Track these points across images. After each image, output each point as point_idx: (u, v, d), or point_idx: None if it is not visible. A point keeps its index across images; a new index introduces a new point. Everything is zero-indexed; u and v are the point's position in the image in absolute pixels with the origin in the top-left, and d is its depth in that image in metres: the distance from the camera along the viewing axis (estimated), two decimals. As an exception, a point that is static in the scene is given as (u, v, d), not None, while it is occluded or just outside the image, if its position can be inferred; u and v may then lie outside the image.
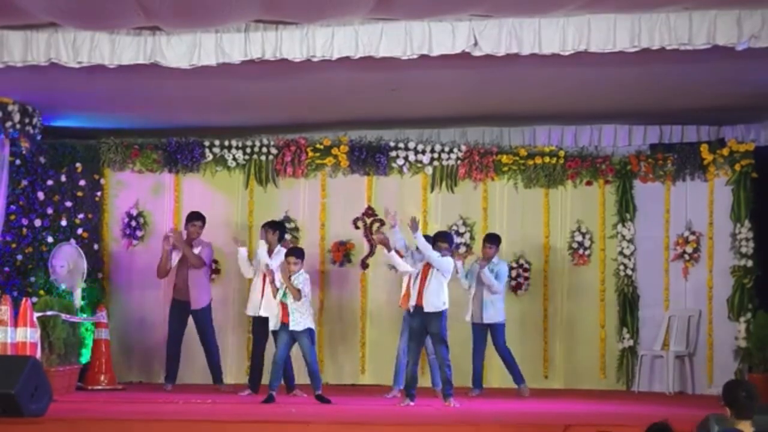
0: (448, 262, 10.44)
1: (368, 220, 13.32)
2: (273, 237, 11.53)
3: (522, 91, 11.67)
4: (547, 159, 13.24)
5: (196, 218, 12.12)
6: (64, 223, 12.66)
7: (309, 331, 10.81)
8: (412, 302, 10.47)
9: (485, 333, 11.98)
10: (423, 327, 10.47)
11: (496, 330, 11.97)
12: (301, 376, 11.54)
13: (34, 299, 11.40)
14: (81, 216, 12.85)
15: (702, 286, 12.82)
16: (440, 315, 10.38)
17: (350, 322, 13.21)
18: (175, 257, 12.04)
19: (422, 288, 10.42)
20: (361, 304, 13.25)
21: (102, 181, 13.21)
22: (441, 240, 10.59)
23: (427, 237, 10.85)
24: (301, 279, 10.71)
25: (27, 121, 12.28)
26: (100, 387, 11.94)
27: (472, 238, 13.22)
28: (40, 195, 12.61)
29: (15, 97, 11.98)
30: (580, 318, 13.24)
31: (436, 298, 10.37)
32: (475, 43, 9.29)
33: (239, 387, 11.82)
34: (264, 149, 13.27)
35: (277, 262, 11.11)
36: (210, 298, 12.19)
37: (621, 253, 13.16)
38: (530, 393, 12.03)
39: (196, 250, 12.03)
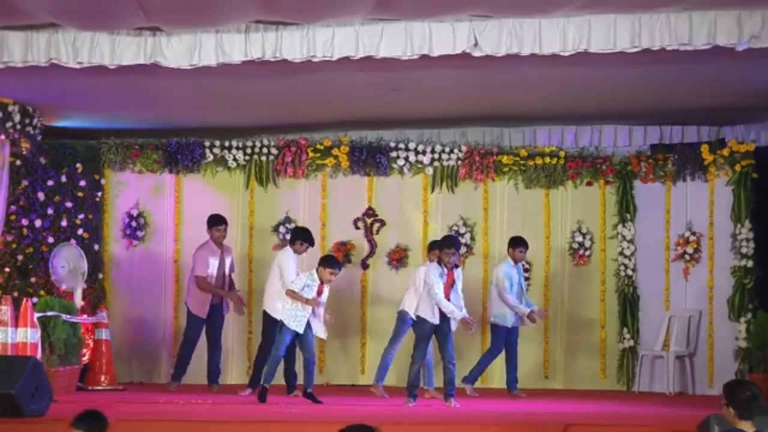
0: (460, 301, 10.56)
1: (369, 221, 13.33)
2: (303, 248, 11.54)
3: (522, 91, 11.67)
4: (547, 159, 13.24)
5: (220, 222, 12.01)
6: (64, 223, 12.65)
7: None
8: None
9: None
10: (432, 330, 10.53)
11: (516, 331, 12.06)
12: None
13: (35, 299, 11.40)
14: (81, 216, 12.84)
15: (702, 287, 12.83)
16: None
17: (350, 322, 13.21)
18: (213, 263, 11.93)
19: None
20: (361, 304, 13.26)
21: (102, 181, 13.21)
22: (447, 246, 10.56)
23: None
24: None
25: (27, 121, 12.28)
26: (100, 387, 11.94)
27: (472, 238, 13.23)
28: (41, 195, 12.61)
29: (15, 98, 11.98)
30: (581, 318, 13.25)
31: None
32: (476, 44, 9.28)
33: (240, 387, 11.82)
34: (264, 150, 13.28)
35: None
36: None
37: (621, 253, 13.16)
38: (530, 393, 12.04)
39: (229, 258, 12.05)
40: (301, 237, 11.48)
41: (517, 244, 12.13)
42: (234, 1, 8.69)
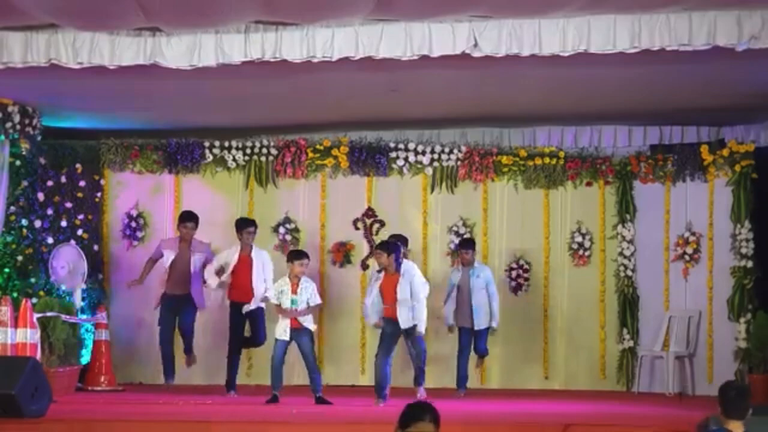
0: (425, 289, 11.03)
1: (368, 221, 13.33)
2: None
3: (522, 91, 11.67)
4: (547, 160, 13.24)
5: (187, 219, 12.06)
6: (64, 223, 12.64)
7: (310, 332, 10.89)
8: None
9: (471, 336, 12.06)
10: (398, 332, 10.82)
11: (483, 335, 12.08)
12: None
13: (34, 300, 11.40)
14: (81, 217, 12.84)
15: (702, 287, 12.82)
16: None
17: (350, 322, 13.21)
18: (169, 257, 11.98)
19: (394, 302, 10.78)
20: (361, 304, 13.23)
21: (102, 181, 13.21)
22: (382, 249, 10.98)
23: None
24: (311, 291, 10.87)
25: (27, 122, 12.29)
26: (99, 388, 11.95)
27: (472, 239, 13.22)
28: (40, 196, 12.59)
29: (15, 98, 11.98)
30: (580, 319, 13.24)
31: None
32: (475, 44, 9.28)
33: (239, 387, 11.82)
34: (264, 150, 13.28)
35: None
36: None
37: (621, 253, 13.16)
38: (530, 393, 12.05)
39: (198, 256, 12.00)
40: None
41: (460, 246, 12.35)
42: (234, 2, 8.69)
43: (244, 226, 11.85)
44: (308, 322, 10.87)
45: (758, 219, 12.58)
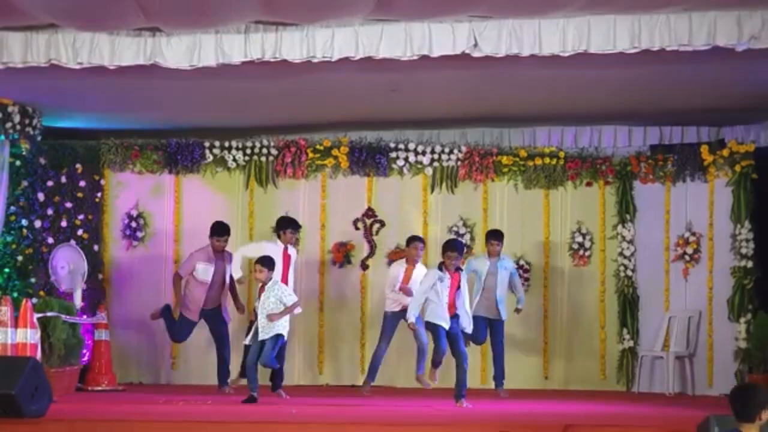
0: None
1: (368, 221, 13.33)
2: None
3: (522, 92, 11.68)
4: (547, 160, 13.25)
5: (224, 233, 11.88)
6: (64, 224, 12.64)
7: (276, 337, 10.71)
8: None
9: (487, 328, 12.05)
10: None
11: (502, 326, 12.07)
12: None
13: (34, 300, 11.40)
14: (81, 217, 12.84)
15: (702, 287, 12.83)
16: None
17: (350, 322, 13.21)
18: (207, 270, 11.75)
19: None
20: (361, 304, 13.26)
21: (102, 181, 13.21)
22: (450, 250, 10.39)
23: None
24: (280, 294, 10.69)
25: (27, 122, 12.30)
26: (100, 388, 11.95)
27: (472, 239, 13.23)
28: (40, 196, 12.60)
29: (15, 98, 11.99)
30: (580, 318, 13.25)
31: None
32: (475, 44, 9.29)
33: (237, 388, 11.82)
34: (264, 150, 13.28)
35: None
36: None
37: (621, 254, 13.16)
38: (530, 394, 12.04)
39: (229, 267, 11.87)
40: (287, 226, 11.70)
41: (487, 237, 12.24)
42: (234, 2, 8.69)
43: (287, 225, 11.74)
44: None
45: (758, 219, 12.58)
